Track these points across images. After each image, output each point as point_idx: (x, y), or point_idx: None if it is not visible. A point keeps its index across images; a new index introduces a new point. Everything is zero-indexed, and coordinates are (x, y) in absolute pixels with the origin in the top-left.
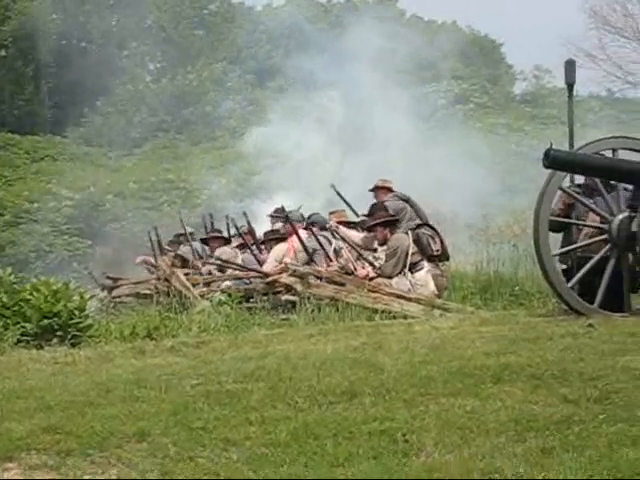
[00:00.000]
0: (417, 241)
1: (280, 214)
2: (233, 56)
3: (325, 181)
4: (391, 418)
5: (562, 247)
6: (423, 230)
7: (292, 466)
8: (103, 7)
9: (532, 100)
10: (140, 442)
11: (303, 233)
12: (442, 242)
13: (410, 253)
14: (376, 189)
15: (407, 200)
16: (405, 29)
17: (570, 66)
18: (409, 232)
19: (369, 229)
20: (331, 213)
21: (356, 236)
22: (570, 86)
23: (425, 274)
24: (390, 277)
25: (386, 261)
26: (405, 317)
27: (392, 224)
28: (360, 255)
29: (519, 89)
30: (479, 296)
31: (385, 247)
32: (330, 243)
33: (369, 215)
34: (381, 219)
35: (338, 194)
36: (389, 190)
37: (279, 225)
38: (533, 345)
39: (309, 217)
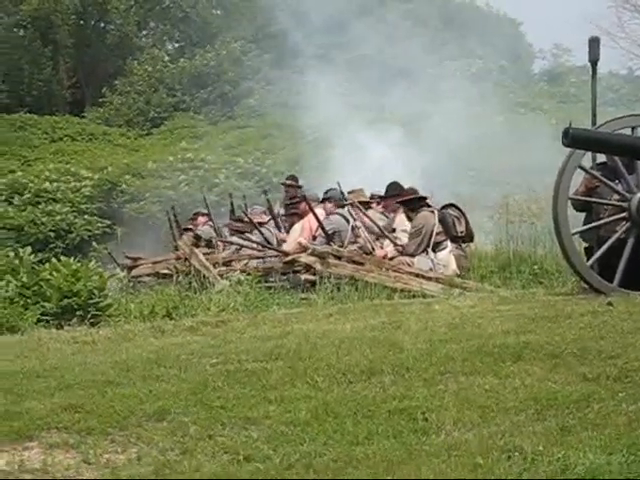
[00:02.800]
0: (442, 221)
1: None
2: (252, 35)
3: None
4: (410, 397)
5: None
6: (449, 211)
7: (311, 444)
8: None
9: (551, 79)
10: (160, 421)
11: (320, 211)
12: (467, 223)
13: (435, 232)
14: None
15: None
16: (423, 7)
17: (594, 43)
18: (435, 211)
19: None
20: (350, 192)
21: (375, 217)
22: (594, 63)
23: (448, 254)
24: (413, 255)
25: (410, 239)
26: (424, 296)
27: (420, 201)
28: (383, 233)
29: (538, 68)
30: (498, 275)
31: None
32: (348, 221)
33: (385, 196)
34: (410, 196)
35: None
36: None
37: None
38: (552, 323)
39: (325, 192)
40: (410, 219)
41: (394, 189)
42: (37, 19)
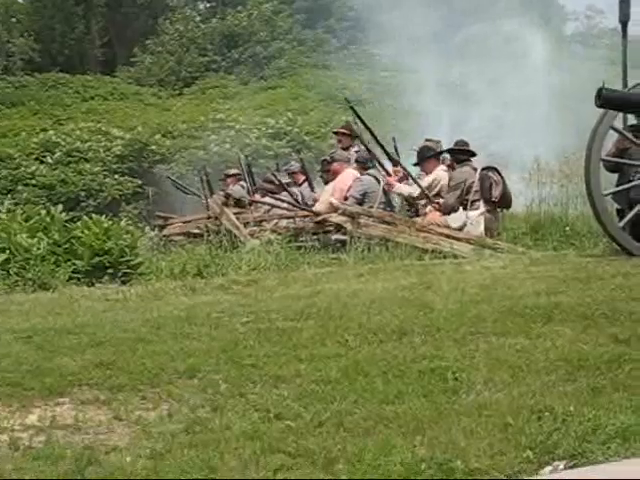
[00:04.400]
0: (480, 181)
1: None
2: None
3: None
4: (441, 357)
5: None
6: (490, 173)
7: (342, 403)
8: None
9: (584, 40)
10: (191, 378)
11: (353, 172)
12: (505, 190)
13: (473, 190)
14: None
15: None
16: None
17: (624, 3)
18: (477, 170)
19: (436, 156)
20: (427, 140)
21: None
22: (624, 24)
23: (478, 215)
24: (451, 209)
25: (449, 191)
26: (455, 257)
27: (464, 154)
28: (429, 198)
29: (570, 29)
30: (530, 236)
31: (451, 177)
32: (378, 181)
33: (419, 162)
34: (461, 147)
35: (353, 111)
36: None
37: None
38: (583, 285)
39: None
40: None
41: (424, 152)
42: None
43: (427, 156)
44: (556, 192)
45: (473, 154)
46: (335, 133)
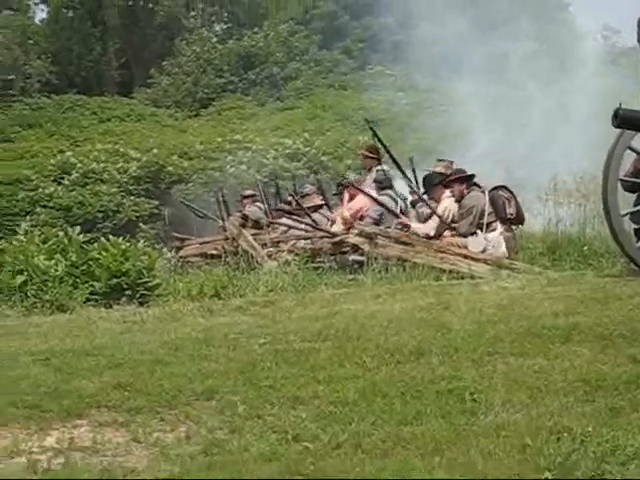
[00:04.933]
0: (492, 202)
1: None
2: (300, 17)
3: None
4: (459, 377)
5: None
6: (500, 192)
7: (360, 424)
8: None
9: (601, 59)
10: (209, 400)
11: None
12: (518, 206)
13: (486, 213)
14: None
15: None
16: None
17: None
18: (486, 192)
19: (446, 185)
20: (439, 160)
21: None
22: None
23: (498, 235)
24: (465, 236)
25: (461, 219)
26: (472, 277)
27: (469, 180)
28: (446, 224)
29: (587, 48)
30: (547, 256)
31: (461, 206)
32: (396, 202)
33: (425, 190)
34: (459, 174)
35: (374, 133)
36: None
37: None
38: (601, 305)
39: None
40: (459, 200)
41: (431, 180)
42: (86, 0)
43: (434, 183)
44: (573, 212)
45: (472, 177)
46: (360, 154)
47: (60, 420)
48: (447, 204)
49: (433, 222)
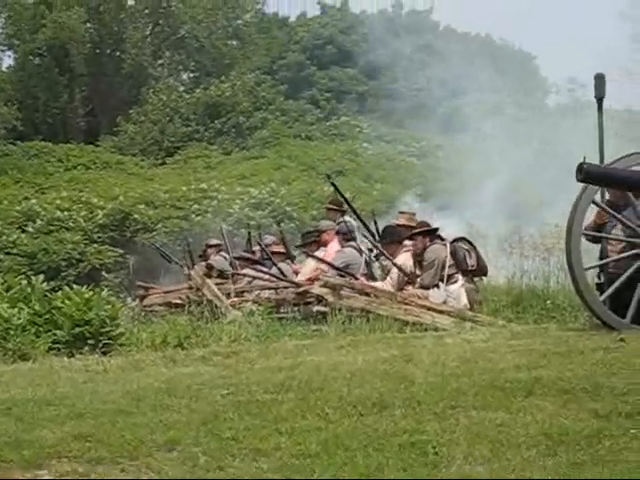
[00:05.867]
0: (453, 254)
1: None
2: (266, 66)
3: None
4: (421, 430)
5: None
6: (460, 244)
7: (322, 477)
8: (137, 17)
9: (566, 113)
10: (170, 451)
11: (335, 244)
12: (479, 257)
13: (447, 265)
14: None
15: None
16: (439, 41)
17: (600, 80)
18: (447, 244)
19: (409, 238)
20: (401, 213)
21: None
22: (600, 100)
23: (459, 288)
24: (428, 288)
25: (424, 271)
26: (436, 329)
27: (431, 234)
28: (407, 277)
29: (552, 102)
30: (511, 309)
31: (423, 258)
32: (360, 253)
33: (382, 239)
34: (422, 228)
35: (335, 187)
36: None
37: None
38: (564, 359)
39: (318, 232)
40: (421, 253)
41: (391, 234)
42: (53, 47)
43: (390, 239)
44: (538, 265)
45: (436, 230)
46: (326, 208)
47: (20, 470)
48: (403, 259)
49: (391, 279)
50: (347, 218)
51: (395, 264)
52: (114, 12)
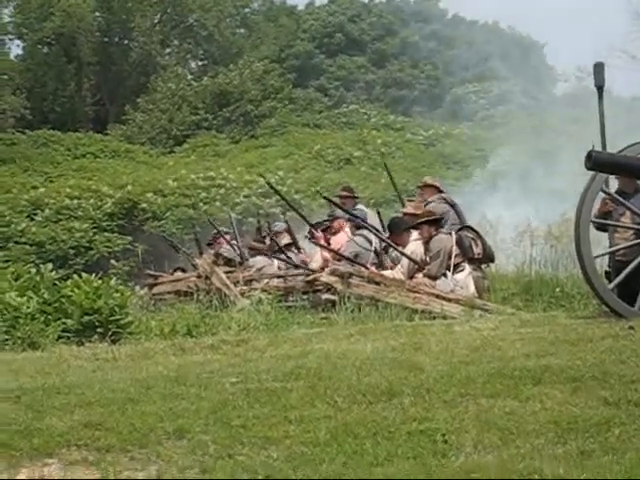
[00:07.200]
0: (459, 243)
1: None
2: (275, 55)
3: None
4: (430, 418)
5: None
6: (466, 233)
7: (331, 465)
8: (146, 5)
9: (574, 101)
10: (180, 439)
11: (344, 234)
12: (484, 245)
13: (453, 254)
14: (424, 187)
15: (453, 205)
16: (447, 29)
17: (599, 68)
18: (452, 233)
19: (414, 228)
20: (409, 201)
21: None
22: (600, 89)
23: (466, 276)
24: (436, 277)
25: (431, 261)
26: (445, 318)
27: (436, 223)
28: (418, 265)
29: (560, 90)
30: (519, 297)
31: (428, 248)
32: (370, 242)
33: (390, 233)
34: (427, 217)
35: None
36: (437, 190)
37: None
38: (573, 347)
39: (334, 218)
40: (427, 242)
41: (397, 225)
42: (61, 36)
43: (397, 231)
44: (547, 253)
45: (441, 219)
46: (338, 196)
47: (30, 458)
48: (413, 248)
49: (401, 267)
50: (360, 206)
51: (404, 253)
52: (122, 0)
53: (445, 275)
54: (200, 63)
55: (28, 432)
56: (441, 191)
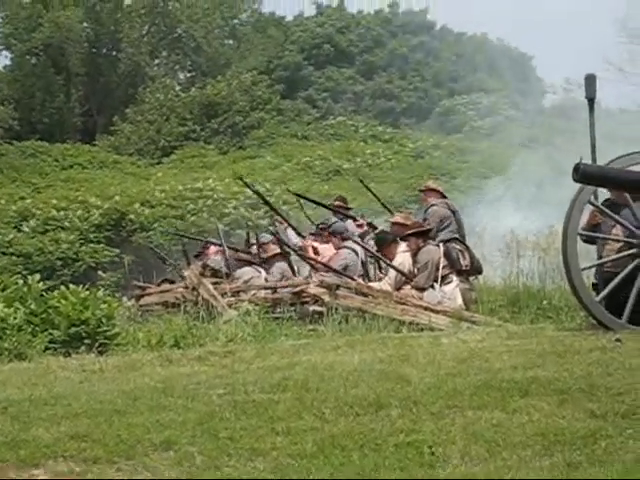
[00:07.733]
0: (446, 255)
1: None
2: (263, 66)
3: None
4: (417, 430)
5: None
6: (453, 244)
7: (318, 477)
8: (134, 16)
9: (562, 113)
10: (166, 451)
11: (328, 246)
12: (472, 257)
13: (441, 266)
14: (427, 190)
15: (454, 212)
16: (435, 41)
17: (590, 80)
18: (440, 245)
19: (402, 239)
20: (399, 212)
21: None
22: (590, 101)
23: (453, 288)
24: (424, 289)
25: (418, 274)
26: (432, 329)
27: (424, 235)
28: (406, 277)
29: (549, 102)
30: (507, 309)
31: (416, 260)
32: (357, 255)
33: (378, 247)
34: (416, 229)
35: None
36: (441, 194)
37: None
38: (560, 359)
39: (329, 226)
40: (415, 254)
41: (384, 239)
42: (49, 47)
43: (385, 243)
44: (534, 265)
45: (429, 231)
46: (331, 206)
47: (16, 470)
48: (401, 259)
49: (389, 279)
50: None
51: (391, 265)
52: (111, 12)
53: (433, 287)
54: (188, 74)
55: (14, 443)
56: (445, 196)
